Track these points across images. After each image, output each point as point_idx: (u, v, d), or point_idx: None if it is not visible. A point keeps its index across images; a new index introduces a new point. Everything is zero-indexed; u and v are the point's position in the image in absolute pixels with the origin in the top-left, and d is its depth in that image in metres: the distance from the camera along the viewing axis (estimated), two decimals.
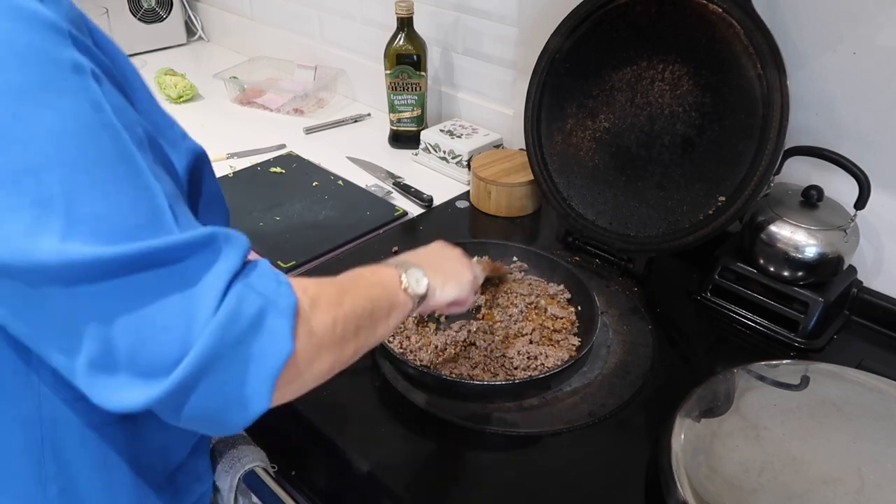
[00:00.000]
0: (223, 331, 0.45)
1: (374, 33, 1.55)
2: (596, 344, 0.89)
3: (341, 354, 0.56)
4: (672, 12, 0.96)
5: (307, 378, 0.52)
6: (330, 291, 0.56)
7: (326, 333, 0.53)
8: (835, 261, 0.91)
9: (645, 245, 1.03)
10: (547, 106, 1.12)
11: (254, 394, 0.47)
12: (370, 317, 0.59)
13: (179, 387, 0.44)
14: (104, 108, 0.46)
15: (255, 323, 0.47)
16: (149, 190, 0.47)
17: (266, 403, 0.48)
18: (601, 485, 0.74)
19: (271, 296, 0.49)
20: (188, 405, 0.46)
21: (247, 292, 0.47)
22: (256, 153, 1.46)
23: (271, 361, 0.47)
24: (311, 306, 0.52)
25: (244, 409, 0.47)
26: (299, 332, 0.50)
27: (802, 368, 0.83)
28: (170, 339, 0.44)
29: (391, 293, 0.64)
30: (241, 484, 0.75)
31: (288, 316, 0.49)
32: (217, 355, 0.45)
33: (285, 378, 0.49)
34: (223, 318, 0.45)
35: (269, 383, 0.47)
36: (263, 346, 0.47)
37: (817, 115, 0.96)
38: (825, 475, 0.68)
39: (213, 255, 0.47)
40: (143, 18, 1.95)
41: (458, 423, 0.80)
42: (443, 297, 0.72)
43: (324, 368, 0.54)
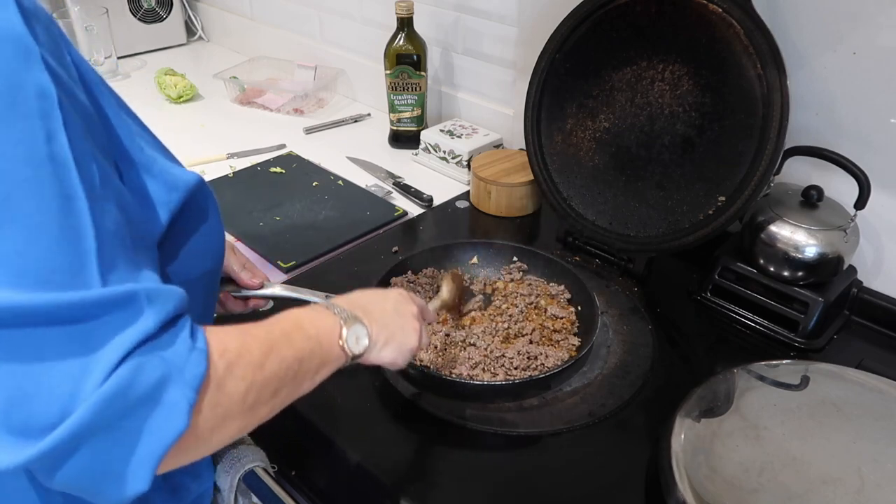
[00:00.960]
0: (108, 402, 0.41)
1: (374, 33, 1.55)
2: (596, 344, 0.89)
3: (251, 419, 0.53)
4: (672, 12, 0.96)
5: (207, 446, 0.50)
6: (254, 352, 0.52)
7: (236, 402, 0.50)
8: (835, 261, 0.91)
9: (645, 245, 1.03)
10: (547, 106, 1.12)
11: (132, 473, 0.44)
12: (294, 377, 0.56)
13: (50, 453, 0.41)
14: (58, 139, 0.44)
15: (150, 395, 0.43)
16: (78, 232, 0.43)
17: (144, 485, 0.44)
18: (601, 485, 0.74)
19: (178, 363, 0.45)
20: (60, 473, 0.43)
21: (148, 361, 0.44)
22: (256, 153, 1.46)
23: (160, 440, 0.44)
24: (225, 372, 0.49)
25: (120, 486, 0.44)
26: (204, 403, 0.47)
27: (802, 368, 0.83)
28: (51, 402, 0.41)
29: (325, 349, 0.60)
30: (241, 484, 0.75)
31: (190, 388, 0.45)
32: (97, 426, 0.41)
33: (181, 448, 0.46)
34: (110, 390, 0.41)
35: (151, 463, 0.44)
36: (155, 422, 0.44)
37: (817, 115, 0.96)
38: (825, 475, 0.68)
39: (125, 317, 0.44)
40: (143, 18, 1.95)
41: (458, 423, 0.80)
42: (377, 358, 0.68)
43: (227, 437, 0.51)
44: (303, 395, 0.59)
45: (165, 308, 0.46)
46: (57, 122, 0.44)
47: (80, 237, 0.44)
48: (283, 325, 0.58)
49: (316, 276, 1.06)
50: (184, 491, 0.71)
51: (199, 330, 0.48)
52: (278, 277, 1.06)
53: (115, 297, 0.43)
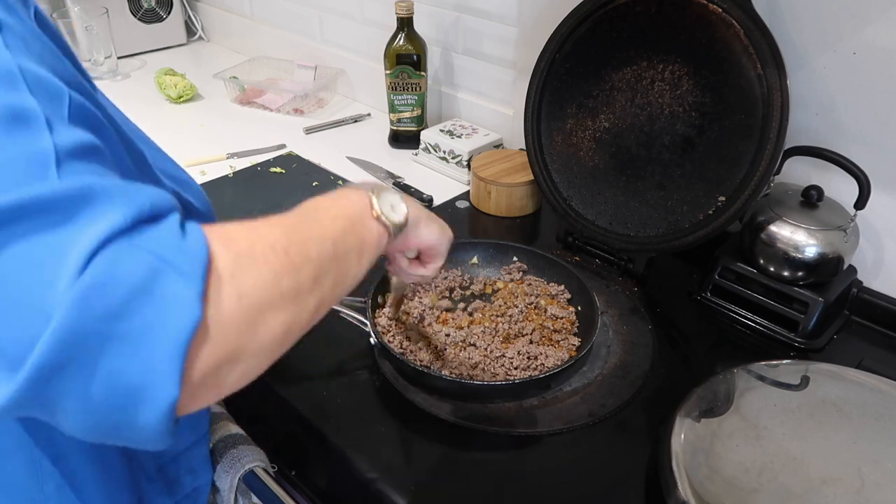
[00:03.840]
0: (87, 300, 0.35)
1: (374, 33, 1.55)
2: (596, 344, 0.89)
3: (299, 312, 0.45)
4: (672, 12, 0.96)
5: (254, 350, 0.42)
6: (268, 238, 0.44)
7: (267, 291, 0.42)
8: (835, 261, 0.91)
9: (645, 245, 1.03)
10: (547, 106, 1.12)
11: (151, 380, 0.36)
12: (333, 259, 0.49)
13: (37, 376, 0.35)
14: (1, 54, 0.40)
15: (139, 288, 0.36)
16: (33, 144, 0.38)
17: (173, 390, 0.36)
18: (601, 485, 0.74)
19: (168, 254, 0.38)
20: (63, 403, 0.36)
21: (129, 251, 0.37)
22: (256, 153, 1.46)
23: (169, 334, 0.36)
24: (236, 262, 0.41)
25: (143, 402, 0.36)
26: (217, 296, 0.39)
27: (802, 368, 0.83)
28: (26, 316, 0.35)
29: (361, 226, 0.53)
30: (241, 484, 0.75)
31: (192, 278, 0.38)
32: (83, 332, 0.35)
33: (215, 356, 0.39)
34: (88, 284, 0.35)
35: (171, 363, 0.36)
36: (155, 316, 0.36)
37: (817, 115, 0.96)
38: (825, 475, 0.68)
39: (88, 212, 0.37)
40: (143, 18, 1.95)
41: (458, 423, 0.80)
42: (426, 235, 0.62)
43: (276, 333, 0.43)
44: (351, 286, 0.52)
45: (138, 201, 0.39)
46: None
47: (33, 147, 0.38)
48: (301, 212, 0.51)
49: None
50: (177, 484, 0.71)
51: (191, 222, 0.41)
52: None
53: (72, 191, 0.37)
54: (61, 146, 0.39)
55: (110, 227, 0.37)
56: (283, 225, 0.47)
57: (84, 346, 0.35)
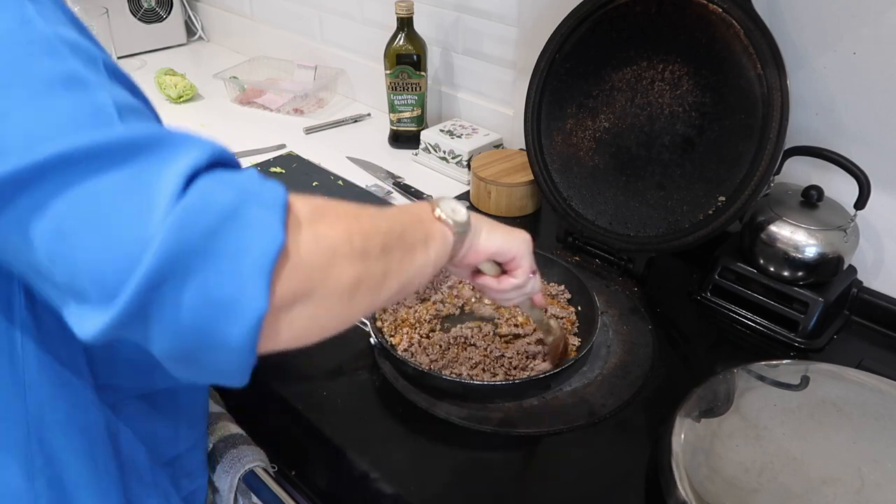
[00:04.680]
0: (185, 224, 0.37)
1: (374, 33, 1.55)
2: (596, 344, 0.89)
3: (368, 271, 0.46)
4: (672, 12, 0.96)
5: (325, 293, 0.43)
6: (340, 209, 0.48)
7: (340, 241, 0.44)
8: (835, 261, 0.91)
9: (645, 245, 1.03)
10: (547, 106, 1.12)
11: (241, 293, 0.38)
12: (400, 238, 0.51)
13: (139, 296, 0.37)
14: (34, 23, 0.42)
15: (229, 214, 0.39)
16: (93, 98, 0.41)
17: (262, 303, 0.38)
18: (601, 485, 0.74)
19: (252, 189, 0.41)
20: (160, 322, 0.38)
21: (217, 184, 0.39)
22: (256, 153, 1.46)
23: (257, 252, 0.39)
24: (313, 212, 0.44)
25: (234, 317, 0.38)
26: (297, 230, 0.42)
27: (802, 368, 0.83)
28: (125, 245, 0.38)
29: (424, 223, 0.56)
30: (241, 484, 0.75)
31: (275, 208, 0.41)
32: (181, 253, 0.37)
33: (292, 284, 0.41)
34: (185, 210, 0.38)
35: (259, 278, 0.38)
36: (244, 237, 0.39)
37: (817, 115, 0.96)
38: (825, 475, 0.68)
39: (167, 149, 0.40)
40: (143, 18, 1.95)
41: (458, 423, 0.80)
42: (490, 242, 0.64)
43: (345, 282, 0.44)
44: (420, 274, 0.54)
45: (208, 147, 0.41)
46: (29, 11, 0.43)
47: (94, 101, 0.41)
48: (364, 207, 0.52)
49: None
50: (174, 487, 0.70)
51: None
52: None
53: (150, 134, 0.40)
54: (118, 102, 0.42)
55: (193, 162, 0.39)
56: (351, 206, 0.49)
57: (183, 262, 0.37)
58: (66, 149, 0.38)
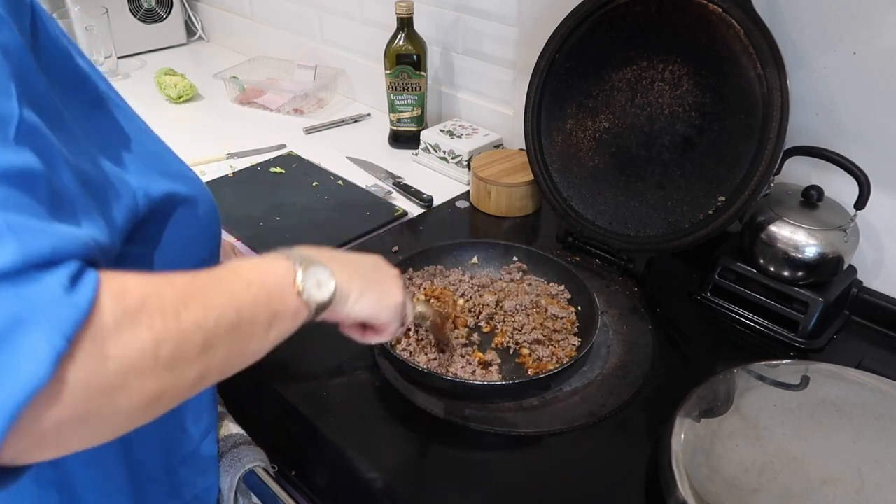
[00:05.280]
0: None
1: (374, 33, 1.55)
2: (596, 344, 0.89)
3: (175, 380, 0.43)
4: (672, 12, 0.96)
5: (109, 414, 0.40)
6: (165, 298, 0.43)
7: (142, 357, 0.40)
8: (835, 261, 0.91)
9: (645, 245, 1.03)
10: (547, 106, 1.12)
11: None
12: (232, 330, 0.46)
13: None
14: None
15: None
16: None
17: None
18: (601, 485, 0.74)
19: (42, 304, 0.36)
20: None
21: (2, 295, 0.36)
22: (256, 153, 1.46)
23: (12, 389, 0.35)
24: (121, 319, 0.40)
25: None
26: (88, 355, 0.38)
27: (802, 368, 0.83)
28: None
29: (276, 298, 0.51)
30: (241, 484, 0.75)
31: (58, 334, 0.36)
32: None
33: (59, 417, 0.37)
34: None
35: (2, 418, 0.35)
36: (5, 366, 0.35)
37: (817, 115, 0.96)
38: (825, 475, 0.68)
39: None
40: (143, 18, 1.95)
41: (458, 423, 0.80)
42: (356, 310, 0.59)
43: (138, 400, 0.41)
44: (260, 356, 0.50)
45: (37, 245, 0.37)
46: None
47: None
48: (214, 273, 0.48)
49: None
50: (187, 485, 0.70)
51: (90, 272, 0.39)
52: None
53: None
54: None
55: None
56: (189, 285, 0.45)
57: None
58: None
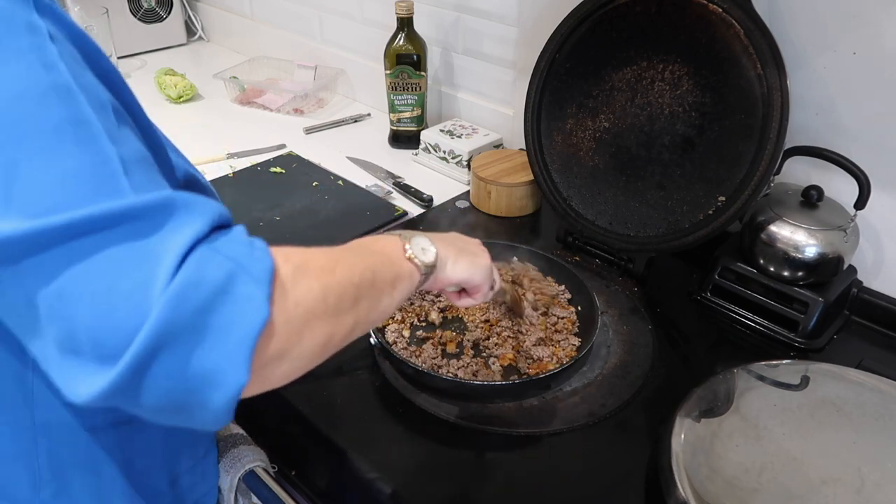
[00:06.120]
0: (181, 298, 0.40)
1: (374, 33, 1.55)
2: (596, 344, 0.89)
3: (338, 326, 0.50)
4: (672, 12, 0.96)
5: (298, 353, 0.47)
6: (320, 259, 0.50)
7: (316, 303, 0.47)
8: (835, 261, 0.91)
9: (645, 245, 1.03)
10: (547, 106, 1.12)
11: (227, 366, 0.41)
12: (371, 286, 0.54)
13: (136, 364, 0.39)
14: (58, 67, 0.44)
15: (221, 289, 0.41)
16: (101, 154, 0.43)
17: (243, 376, 0.42)
18: (601, 485, 0.74)
19: (242, 260, 0.43)
20: (151, 387, 0.40)
21: (211, 256, 0.42)
22: (256, 153, 1.45)
23: (244, 329, 0.41)
24: (294, 274, 0.46)
25: (217, 386, 0.41)
26: (280, 300, 0.44)
27: (802, 368, 0.83)
28: (125, 313, 0.40)
29: (395, 263, 0.59)
30: (241, 484, 0.75)
31: (262, 282, 0.43)
32: (176, 326, 0.40)
33: (270, 352, 0.44)
34: (181, 285, 0.40)
35: (243, 352, 0.41)
36: (233, 313, 0.41)
37: (817, 115, 0.96)
38: (825, 475, 0.68)
39: (170, 218, 0.42)
40: (143, 18, 1.95)
41: (459, 423, 0.80)
42: (455, 273, 0.67)
43: (317, 342, 0.48)
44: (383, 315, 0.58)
45: (210, 211, 0.44)
46: (52, 53, 0.44)
47: (103, 160, 0.43)
48: (345, 245, 0.56)
49: None
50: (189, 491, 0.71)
51: (257, 238, 0.47)
52: None
53: (152, 202, 0.42)
54: (124, 156, 0.44)
55: (194, 234, 0.42)
56: (331, 254, 0.52)
57: (175, 336, 0.40)
58: (73, 219, 0.40)
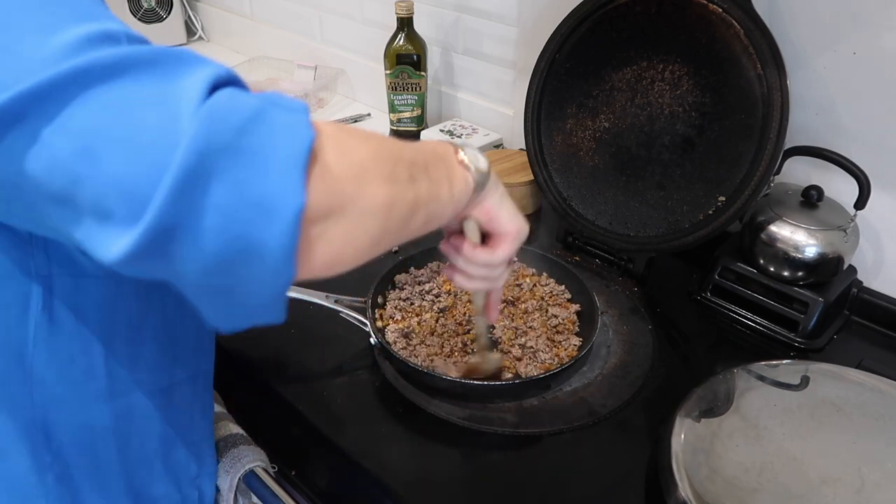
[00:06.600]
0: (214, 119, 0.36)
1: (374, 33, 1.55)
2: (596, 344, 0.89)
3: (399, 194, 0.45)
4: (672, 12, 0.96)
5: (360, 207, 0.42)
6: (364, 131, 0.47)
7: (369, 159, 0.43)
8: (835, 261, 0.91)
9: (645, 245, 1.03)
10: (547, 106, 1.12)
11: (279, 186, 0.37)
12: (425, 170, 0.50)
13: (172, 200, 0.35)
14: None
15: (256, 114, 0.38)
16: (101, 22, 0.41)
17: (300, 196, 0.37)
18: (601, 485, 0.74)
19: (273, 98, 0.40)
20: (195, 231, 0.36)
21: (239, 92, 0.39)
22: None
23: (290, 146, 0.38)
24: (338, 132, 0.43)
25: (272, 212, 0.36)
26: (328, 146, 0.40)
27: (802, 368, 0.83)
28: (154, 151, 0.36)
29: (448, 161, 0.55)
30: (241, 484, 0.75)
31: (300, 112, 0.40)
32: (213, 147, 0.36)
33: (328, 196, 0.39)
34: (213, 107, 0.37)
35: (296, 170, 0.37)
36: (275, 133, 0.38)
37: (817, 115, 0.96)
38: (825, 475, 0.68)
39: (187, 63, 0.40)
40: (143, 18, 1.95)
41: (458, 423, 0.80)
42: (498, 205, 0.61)
43: (378, 200, 0.43)
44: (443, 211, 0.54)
45: (226, 68, 0.41)
46: None
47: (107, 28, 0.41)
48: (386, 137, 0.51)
49: None
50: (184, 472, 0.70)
51: None
52: None
53: (170, 51, 0.40)
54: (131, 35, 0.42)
55: (214, 74, 0.39)
56: (375, 132, 0.48)
57: (213, 160, 0.36)
58: (85, 63, 0.37)
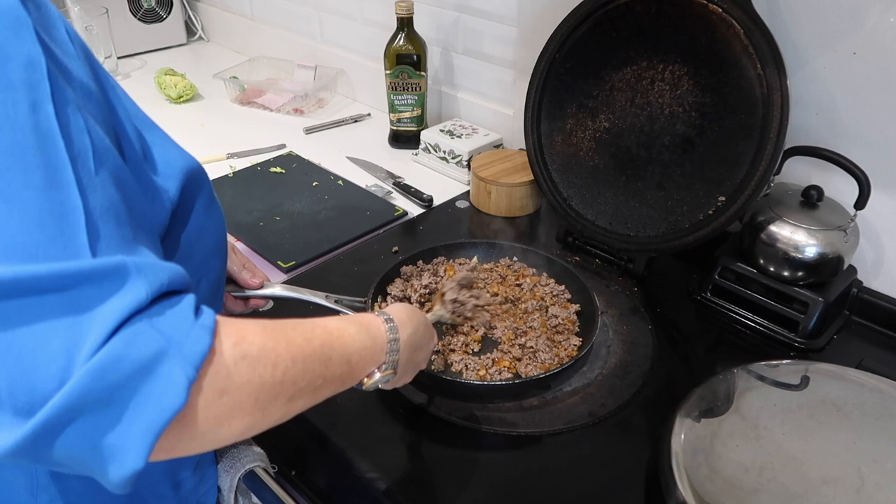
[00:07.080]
0: (101, 372, 0.39)
1: (374, 33, 1.55)
2: (596, 344, 0.89)
3: (262, 420, 0.48)
4: (672, 12, 0.96)
5: (212, 438, 0.46)
6: (280, 355, 0.49)
7: (247, 397, 0.46)
8: (835, 261, 0.91)
9: (645, 245, 1.03)
10: (547, 106, 1.12)
11: (127, 448, 0.41)
12: (314, 392, 0.54)
13: (45, 427, 0.39)
14: (43, 109, 0.43)
15: (145, 367, 0.41)
16: (65, 205, 0.42)
17: (140, 462, 0.41)
18: (601, 485, 0.74)
19: (178, 338, 0.42)
20: (55, 450, 0.40)
21: (145, 330, 0.41)
22: (256, 153, 1.46)
23: (156, 414, 0.41)
24: (237, 361, 0.45)
25: (113, 463, 0.41)
26: (207, 386, 0.43)
27: (802, 368, 0.83)
28: (47, 375, 0.39)
29: (354, 377, 0.59)
30: (241, 484, 0.75)
31: (190, 364, 0.42)
32: (90, 398, 0.39)
33: (180, 435, 0.43)
34: (104, 358, 0.40)
35: (147, 439, 0.41)
36: (150, 395, 0.41)
37: (817, 115, 0.96)
38: (825, 475, 0.68)
39: (114, 288, 0.41)
40: (143, 18, 1.95)
41: (458, 423, 0.80)
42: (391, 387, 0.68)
43: (236, 430, 0.47)
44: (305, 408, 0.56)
45: (158, 279, 0.43)
46: (44, 93, 0.43)
47: (67, 210, 0.42)
48: (328, 339, 0.55)
49: (316, 276, 1.06)
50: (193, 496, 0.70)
51: (209, 311, 0.45)
52: (278, 277, 1.06)
53: (103, 267, 0.41)
54: (92, 208, 0.43)
55: (135, 303, 0.41)
56: (301, 352, 0.51)
57: (87, 408, 0.40)
58: (18, 275, 0.39)
